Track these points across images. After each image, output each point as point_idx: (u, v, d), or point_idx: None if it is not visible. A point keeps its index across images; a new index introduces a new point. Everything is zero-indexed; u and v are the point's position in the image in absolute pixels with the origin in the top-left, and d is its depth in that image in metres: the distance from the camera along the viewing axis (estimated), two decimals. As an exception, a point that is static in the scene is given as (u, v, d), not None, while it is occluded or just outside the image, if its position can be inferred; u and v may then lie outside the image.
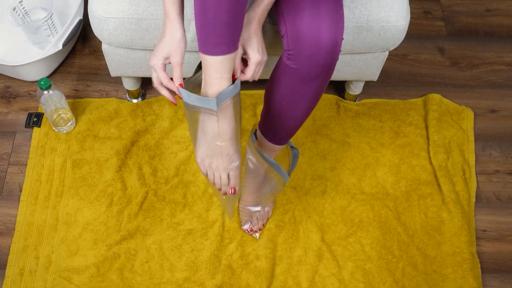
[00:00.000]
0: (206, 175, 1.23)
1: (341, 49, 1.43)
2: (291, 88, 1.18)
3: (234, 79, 1.13)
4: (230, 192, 1.24)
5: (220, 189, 1.24)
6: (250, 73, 1.16)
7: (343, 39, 1.14)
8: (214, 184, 1.24)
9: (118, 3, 1.34)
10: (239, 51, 1.14)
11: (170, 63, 1.15)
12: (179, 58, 1.14)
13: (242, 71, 1.17)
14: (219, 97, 1.07)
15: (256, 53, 1.15)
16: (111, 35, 1.38)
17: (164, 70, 1.16)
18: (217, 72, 1.08)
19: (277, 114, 1.26)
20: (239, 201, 1.52)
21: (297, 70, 1.13)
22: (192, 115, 1.15)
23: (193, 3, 1.03)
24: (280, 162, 1.42)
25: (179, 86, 1.14)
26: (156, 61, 1.15)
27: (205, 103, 1.09)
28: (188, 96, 1.10)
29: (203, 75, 1.10)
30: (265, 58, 1.17)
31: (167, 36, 1.13)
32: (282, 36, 1.15)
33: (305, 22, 1.09)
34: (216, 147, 1.16)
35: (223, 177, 1.21)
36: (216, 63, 1.06)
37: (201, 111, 1.12)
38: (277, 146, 1.35)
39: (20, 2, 1.71)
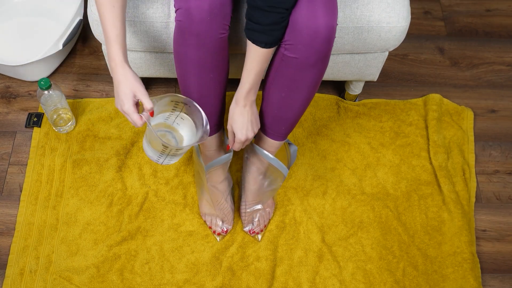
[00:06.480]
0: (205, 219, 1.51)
1: (342, 49, 1.43)
2: (290, 78, 1.22)
3: (228, 149, 1.36)
4: (222, 232, 1.48)
5: (214, 231, 1.48)
6: (236, 147, 1.32)
7: (337, 24, 1.20)
8: (210, 227, 1.49)
9: None
10: (229, 128, 1.29)
11: (138, 99, 1.16)
12: (143, 89, 1.15)
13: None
14: (208, 166, 1.37)
15: (239, 133, 1.27)
16: None
17: (137, 112, 1.17)
18: (205, 148, 1.40)
19: (277, 107, 1.29)
20: (239, 202, 1.52)
21: (296, 59, 1.18)
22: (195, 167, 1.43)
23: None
24: (279, 160, 1.42)
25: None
26: (128, 106, 1.15)
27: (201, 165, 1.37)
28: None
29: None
30: (251, 136, 1.29)
31: (123, 81, 1.15)
32: None
33: (301, 12, 1.13)
34: (207, 197, 1.44)
35: (217, 223, 1.48)
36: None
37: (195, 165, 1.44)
38: (276, 143, 1.37)
39: None
